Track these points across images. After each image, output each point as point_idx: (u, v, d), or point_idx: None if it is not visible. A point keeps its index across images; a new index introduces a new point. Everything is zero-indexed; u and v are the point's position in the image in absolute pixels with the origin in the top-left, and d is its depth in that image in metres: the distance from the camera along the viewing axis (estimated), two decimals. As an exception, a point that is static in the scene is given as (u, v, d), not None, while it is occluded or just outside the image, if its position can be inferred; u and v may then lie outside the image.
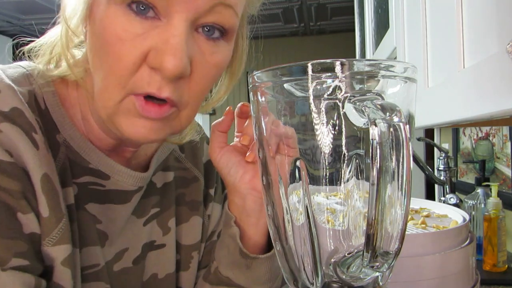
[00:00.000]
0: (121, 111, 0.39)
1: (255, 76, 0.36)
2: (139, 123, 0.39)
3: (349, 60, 0.31)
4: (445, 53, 0.49)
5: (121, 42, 0.37)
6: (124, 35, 0.37)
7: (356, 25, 2.05)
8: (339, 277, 0.34)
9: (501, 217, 0.94)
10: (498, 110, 0.32)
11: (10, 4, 3.04)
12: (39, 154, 0.39)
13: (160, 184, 0.55)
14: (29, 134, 0.39)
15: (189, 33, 0.38)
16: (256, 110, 0.37)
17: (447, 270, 0.52)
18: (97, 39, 0.39)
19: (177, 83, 0.39)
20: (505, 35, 0.31)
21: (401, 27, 0.77)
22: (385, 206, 0.28)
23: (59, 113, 0.44)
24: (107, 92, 0.39)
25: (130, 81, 0.38)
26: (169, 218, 0.55)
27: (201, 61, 0.40)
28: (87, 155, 0.45)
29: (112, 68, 0.38)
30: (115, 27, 0.37)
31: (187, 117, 0.42)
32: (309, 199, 0.34)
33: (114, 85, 0.38)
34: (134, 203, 0.50)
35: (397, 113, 0.28)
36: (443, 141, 1.71)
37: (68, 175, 0.44)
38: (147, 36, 0.37)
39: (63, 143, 0.44)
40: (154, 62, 0.37)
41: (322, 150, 0.32)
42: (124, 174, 0.48)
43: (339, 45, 4.49)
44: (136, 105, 0.38)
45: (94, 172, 0.46)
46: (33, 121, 0.40)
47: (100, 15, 0.38)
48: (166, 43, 0.36)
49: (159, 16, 0.37)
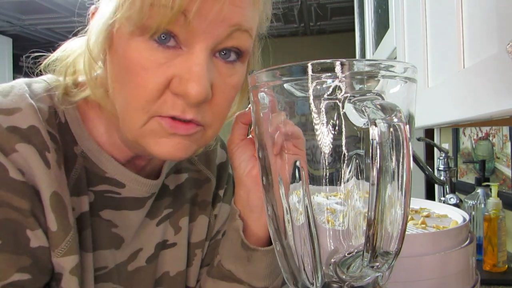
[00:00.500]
0: (146, 133, 0.41)
1: (255, 76, 0.36)
2: (166, 142, 0.41)
3: (349, 60, 0.31)
4: (445, 53, 0.49)
5: (145, 71, 0.39)
6: (148, 64, 0.39)
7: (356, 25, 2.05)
8: (339, 277, 0.34)
9: (501, 217, 0.94)
10: (498, 110, 0.32)
11: (10, 4, 3.04)
12: (50, 173, 0.41)
13: (173, 186, 0.57)
14: (42, 153, 0.41)
15: (209, 59, 0.40)
16: (256, 110, 0.37)
17: (447, 270, 0.52)
18: (120, 68, 0.41)
19: (200, 106, 0.41)
20: (505, 35, 0.31)
21: (401, 27, 0.77)
22: (385, 206, 0.28)
23: (78, 127, 0.47)
24: (131, 117, 0.41)
25: (154, 106, 0.40)
26: (181, 217, 0.57)
27: (221, 84, 0.42)
28: (103, 165, 0.48)
29: (136, 95, 0.40)
30: (139, 58, 0.39)
31: (211, 135, 0.45)
32: (309, 199, 0.34)
33: (137, 110, 0.40)
34: (147, 208, 0.53)
35: (397, 113, 0.28)
36: (443, 141, 1.71)
37: (84, 184, 0.47)
38: (170, 64, 0.39)
39: (80, 154, 0.47)
40: (178, 89, 0.39)
41: (322, 150, 0.32)
42: (138, 182, 0.50)
43: (339, 45, 4.49)
44: (163, 124, 0.40)
45: (110, 180, 0.49)
46: (48, 140, 0.42)
47: (123, 47, 0.40)
48: (189, 71, 0.38)
49: (180, 45, 0.39)
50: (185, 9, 0.37)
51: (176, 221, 0.57)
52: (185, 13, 0.37)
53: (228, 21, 0.39)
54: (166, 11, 0.37)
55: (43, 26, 3.60)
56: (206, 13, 0.38)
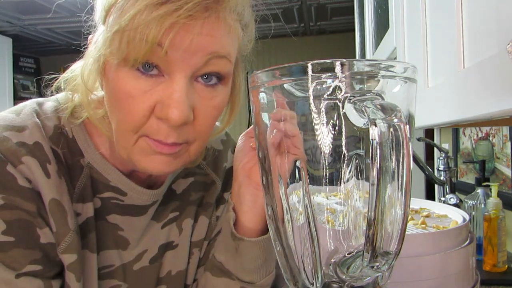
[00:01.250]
0: (136, 151, 0.46)
1: (255, 76, 0.36)
2: (154, 158, 0.46)
3: (349, 60, 0.31)
4: (445, 53, 0.49)
5: (132, 99, 0.44)
6: (133, 92, 0.43)
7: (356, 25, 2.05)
8: (339, 277, 0.34)
9: (501, 217, 0.94)
10: (498, 110, 0.32)
11: (10, 4, 3.04)
12: (49, 182, 0.47)
13: (180, 191, 0.61)
14: (44, 165, 0.47)
15: (189, 85, 0.44)
16: (256, 110, 0.37)
17: (447, 270, 0.52)
18: (110, 95, 0.46)
19: (182, 128, 0.45)
20: (505, 35, 0.31)
21: (401, 27, 0.77)
22: (385, 206, 0.28)
23: (84, 141, 0.52)
24: (123, 137, 0.46)
25: (141, 128, 0.45)
26: (185, 219, 0.61)
27: (202, 106, 0.46)
28: (107, 175, 0.53)
29: (125, 119, 0.45)
30: (126, 86, 0.43)
31: (195, 151, 0.49)
32: (309, 199, 0.34)
33: (128, 131, 0.45)
34: (150, 214, 0.57)
35: (397, 113, 0.28)
36: (443, 141, 1.71)
37: (90, 192, 0.52)
38: (153, 92, 0.43)
39: (87, 165, 0.52)
40: (161, 114, 0.43)
41: (322, 150, 0.32)
42: (138, 192, 0.54)
43: (339, 45, 4.49)
44: (150, 144, 0.45)
45: (114, 189, 0.53)
46: (49, 154, 0.48)
47: (112, 76, 0.45)
48: (170, 97, 0.42)
49: (162, 73, 0.43)
50: (159, 42, 0.40)
51: (181, 222, 0.60)
52: (160, 45, 0.41)
53: (203, 50, 0.43)
54: (142, 44, 0.41)
55: (43, 26, 3.60)
56: (179, 44, 0.41)
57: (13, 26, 3.54)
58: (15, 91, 3.89)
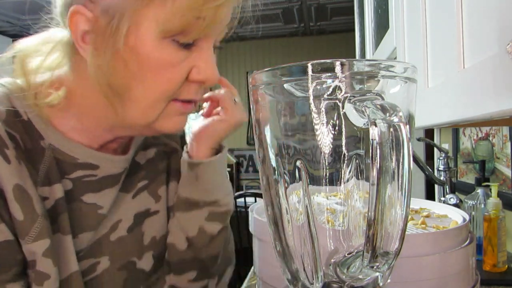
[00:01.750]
0: (166, 114, 0.50)
1: (255, 76, 0.36)
2: (178, 119, 0.51)
3: (349, 60, 0.31)
4: (445, 53, 0.49)
5: (172, 67, 0.47)
6: (174, 61, 0.47)
7: (356, 25, 2.05)
8: (339, 278, 0.34)
9: (501, 217, 0.94)
10: (498, 110, 0.32)
11: (10, 4, 3.04)
12: (11, 168, 0.45)
13: (144, 161, 0.63)
14: (1, 150, 0.45)
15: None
16: (256, 110, 0.37)
17: (447, 270, 0.52)
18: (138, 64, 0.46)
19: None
20: (505, 35, 0.31)
21: (401, 27, 0.77)
22: (385, 206, 0.28)
23: (41, 123, 0.51)
24: (153, 106, 0.48)
25: (174, 94, 0.49)
26: (159, 187, 0.64)
27: None
28: (74, 153, 0.52)
29: (160, 88, 0.48)
30: (163, 55, 0.46)
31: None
32: (309, 199, 0.34)
33: (162, 99, 0.48)
34: (122, 183, 0.58)
35: (397, 113, 0.28)
36: (443, 141, 1.71)
37: (56, 173, 0.50)
38: (190, 59, 0.49)
39: (48, 147, 0.51)
40: (198, 77, 0.49)
41: (322, 150, 0.32)
42: (109, 160, 0.55)
43: (339, 45, 4.49)
44: (177, 106, 0.50)
45: (84, 165, 0.53)
46: (6, 139, 0.46)
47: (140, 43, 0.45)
48: (206, 62, 0.49)
49: (195, 43, 0.49)
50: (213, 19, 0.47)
51: (155, 190, 0.63)
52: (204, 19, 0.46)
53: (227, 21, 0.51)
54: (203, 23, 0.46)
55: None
56: (222, 18, 0.48)
57: (13, 26, 3.54)
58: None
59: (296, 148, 0.34)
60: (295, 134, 0.34)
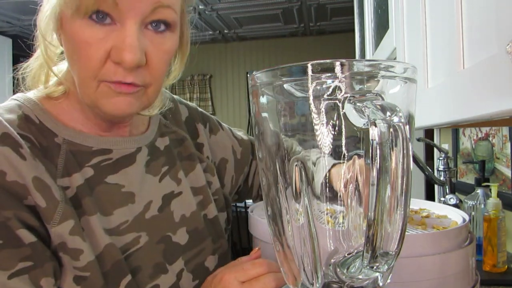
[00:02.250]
0: (100, 95, 0.51)
1: (255, 76, 0.36)
2: (116, 100, 0.51)
3: (349, 61, 0.31)
4: (445, 54, 0.49)
5: (89, 46, 0.49)
6: (89, 40, 0.48)
7: (356, 25, 2.05)
8: (339, 278, 0.34)
9: (501, 217, 0.94)
10: (498, 110, 0.32)
11: (10, 4, 3.03)
12: (27, 163, 0.50)
13: (162, 147, 0.68)
14: (16, 149, 0.50)
15: (140, 31, 0.50)
16: (256, 110, 0.37)
17: (447, 270, 0.52)
18: (69, 45, 0.51)
19: (137, 71, 0.50)
20: (505, 36, 0.31)
21: (401, 27, 0.77)
22: (385, 206, 0.28)
23: (51, 122, 0.57)
24: (85, 85, 0.51)
25: (100, 73, 0.50)
26: (178, 172, 0.67)
27: (154, 50, 0.51)
28: (87, 142, 0.58)
29: (84, 66, 0.50)
30: (82, 35, 0.48)
31: (152, 93, 0.54)
32: (309, 200, 0.34)
33: (88, 78, 0.50)
34: (140, 162, 0.62)
35: (397, 113, 0.28)
36: (443, 142, 1.71)
37: (73, 164, 0.55)
38: (108, 38, 0.49)
39: (63, 142, 0.56)
40: (116, 57, 0.48)
41: (322, 151, 0.32)
42: (119, 142, 0.60)
43: (339, 45, 4.49)
44: (112, 87, 0.50)
45: (98, 152, 0.58)
46: (19, 140, 0.51)
47: (68, 28, 0.49)
48: (123, 42, 0.48)
49: (115, 22, 0.49)
50: None
51: (175, 175, 0.67)
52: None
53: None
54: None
55: (43, 27, 3.59)
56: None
57: (13, 26, 3.54)
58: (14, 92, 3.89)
59: (296, 148, 0.34)
60: (295, 134, 0.34)
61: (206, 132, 0.77)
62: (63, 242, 0.51)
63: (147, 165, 0.63)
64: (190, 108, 0.77)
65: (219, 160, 0.78)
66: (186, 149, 0.71)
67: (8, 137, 0.51)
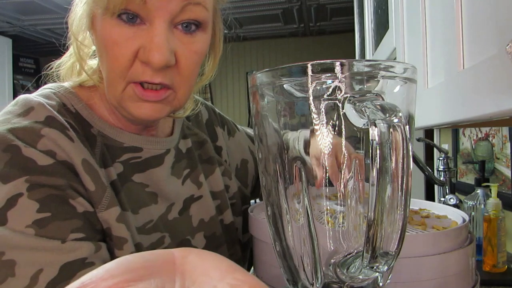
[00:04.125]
0: (125, 98, 0.50)
1: (255, 76, 0.36)
2: (142, 105, 0.50)
3: (349, 61, 0.31)
4: (445, 54, 0.49)
5: (117, 45, 0.48)
6: (118, 39, 0.47)
7: (356, 25, 2.05)
8: (339, 278, 0.34)
9: (500, 217, 0.94)
10: (497, 110, 0.32)
11: (10, 4, 3.04)
12: (75, 145, 0.49)
13: (184, 150, 0.67)
14: (64, 132, 0.49)
15: (169, 31, 0.48)
16: (256, 111, 0.37)
17: (446, 271, 0.52)
18: (99, 44, 0.50)
19: (166, 71, 0.49)
20: (505, 36, 0.31)
21: (400, 27, 0.77)
22: (385, 206, 0.28)
23: (87, 113, 0.56)
24: (112, 85, 0.50)
25: (127, 73, 0.49)
26: (199, 175, 0.67)
27: (184, 51, 0.50)
28: (119, 138, 0.57)
29: (112, 66, 0.49)
30: (110, 34, 0.48)
31: (183, 96, 0.53)
32: (309, 200, 0.34)
33: (116, 78, 0.49)
34: (167, 164, 0.62)
35: (396, 113, 0.28)
36: (443, 142, 1.71)
37: (108, 158, 0.55)
38: (136, 37, 0.48)
39: (98, 134, 0.55)
40: (143, 57, 0.47)
41: (322, 151, 0.32)
42: (151, 142, 0.60)
43: (339, 45, 4.49)
44: (136, 92, 0.49)
45: (129, 149, 0.58)
46: (64, 123, 0.50)
47: (98, 26, 0.49)
48: (151, 42, 0.47)
49: (144, 22, 0.48)
50: None
51: (196, 178, 0.66)
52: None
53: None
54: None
55: (42, 27, 3.60)
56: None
57: (13, 26, 3.54)
58: (14, 92, 3.89)
59: (296, 149, 0.34)
60: (295, 134, 0.34)
61: (224, 135, 0.76)
62: (109, 228, 0.50)
63: (172, 167, 0.63)
64: (210, 110, 0.76)
65: (240, 161, 0.77)
66: (206, 152, 0.70)
67: (53, 120, 0.50)
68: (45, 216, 0.45)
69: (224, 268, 0.21)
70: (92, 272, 0.19)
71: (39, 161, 0.46)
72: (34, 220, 0.44)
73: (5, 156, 0.46)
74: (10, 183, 0.45)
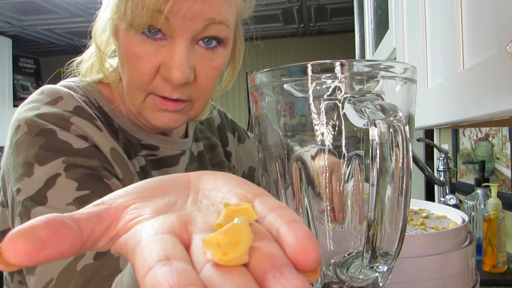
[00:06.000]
0: (145, 107, 0.52)
1: (255, 76, 0.36)
2: (161, 115, 0.52)
3: (349, 61, 0.31)
4: (445, 54, 0.49)
5: (139, 59, 0.49)
6: (140, 53, 0.49)
7: (356, 26, 2.05)
8: (339, 278, 0.34)
9: (500, 217, 0.94)
10: (498, 110, 0.32)
11: (10, 4, 3.03)
12: (103, 135, 0.51)
13: (196, 153, 0.68)
14: (93, 121, 0.51)
15: (190, 47, 0.49)
16: (256, 111, 0.37)
17: (447, 271, 0.52)
18: (121, 56, 0.51)
19: (185, 87, 0.50)
20: (505, 36, 0.31)
21: (400, 27, 0.77)
22: (385, 207, 0.28)
23: (109, 108, 0.57)
24: (133, 95, 0.52)
25: (148, 87, 0.50)
26: None
27: (203, 67, 0.51)
28: (138, 135, 0.58)
29: (133, 78, 0.50)
30: (133, 48, 0.49)
31: (199, 107, 0.54)
32: (309, 200, 0.34)
33: (137, 89, 0.51)
34: (182, 165, 0.63)
35: (396, 113, 0.28)
36: (443, 142, 1.71)
37: (131, 151, 0.57)
38: (158, 53, 0.49)
39: (119, 128, 0.57)
40: (164, 74, 0.49)
41: (322, 151, 0.32)
42: (168, 142, 0.61)
43: (339, 45, 4.49)
44: (157, 102, 0.51)
45: (147, 146, 0.59)
46: (92, 113, 0.52)
47: (122, 40, 0.50)
48: (172, 59, 0.48)
49: (166, 37, 0.49)
50: (160, 9, 0.45)
51: None
52: (161, 11, 0.46)
53: (201, 17, 0.47)
54: (143, 11, 0.45)
55: (42, 27, 3.60)
56: (177, 11, 0.46)
57: (13, 26, 3.54)
58: (14, 92, 3.89)
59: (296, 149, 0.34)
60: (295, 134, 0.34)
61: (234, 141, 0.76)
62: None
63: (186, 170, 0.64)
64: (222, 115, 0.77)
65: (248, 168, 0.77)
66: (217, 156, 0.71)
67: (82, 110, 0.51)
68: (85, 194, 0.46)
69: (233, 183, 0.23)
70: (113, 192, 0.23)
71: (74, 144, 0.48)
72: (74, 197, 0.46)
73: (39, 140, 0.47)
74: (47, 164, 0.46)
